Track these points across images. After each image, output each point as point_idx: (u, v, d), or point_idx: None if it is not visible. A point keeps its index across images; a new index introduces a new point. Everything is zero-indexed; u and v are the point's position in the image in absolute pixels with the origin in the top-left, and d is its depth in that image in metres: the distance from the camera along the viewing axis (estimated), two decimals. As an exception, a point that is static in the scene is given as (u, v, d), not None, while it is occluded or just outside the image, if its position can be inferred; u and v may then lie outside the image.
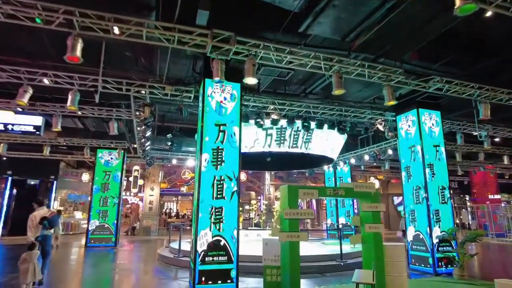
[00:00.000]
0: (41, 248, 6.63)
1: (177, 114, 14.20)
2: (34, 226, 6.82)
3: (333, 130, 11.56)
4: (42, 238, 6.85)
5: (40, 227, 6.90)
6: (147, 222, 21.49)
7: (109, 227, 14.26)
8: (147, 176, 22.20)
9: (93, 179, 14.70)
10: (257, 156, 12.32)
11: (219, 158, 7.03)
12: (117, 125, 9.67)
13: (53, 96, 9.34)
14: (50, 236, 7.15)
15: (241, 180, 26.01)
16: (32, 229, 6.78)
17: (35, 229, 6.82)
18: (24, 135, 7.69)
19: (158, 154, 16.69)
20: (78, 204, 23.45)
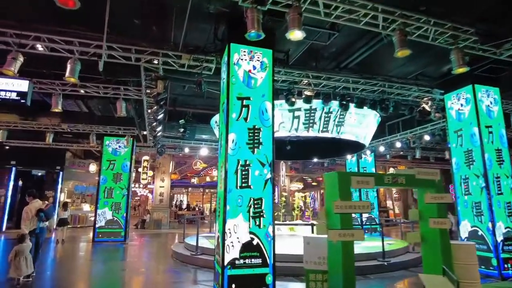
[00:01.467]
0: (36, 240, 6.81)
1: (190, 98, 13.06)
2: (29, 218, 6.76)
3: (367, 112, 10.24)
4: (39, 231, 6.95)
5: (36, 220, 6.86)
6: (158, 215, 20.46)
7: (118, 220, 13.18)
8: (157, 167, 21.10)
9: (100, 169, 13.59)
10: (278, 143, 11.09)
11: (255, 140, 5.78)
12: (125, 105, 8.46)
13: (51, 72, 8.15)
14: (45, 228, 7.22)
15: None
16: (26, 222, 6.72)
17: (30, 222, 6.76)
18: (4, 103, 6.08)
19: (170, 142, 15.52)
20: (86, 196, 22.51)
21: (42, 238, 7.19)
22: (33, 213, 6.87)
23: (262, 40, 6.13)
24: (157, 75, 6.70)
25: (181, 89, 11.28)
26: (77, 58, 6.11)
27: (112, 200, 13.21)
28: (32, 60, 7.66)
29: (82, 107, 10.71)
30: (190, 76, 7.89)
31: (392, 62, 8.83)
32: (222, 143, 6.08)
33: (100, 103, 10.22)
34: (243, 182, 5.56)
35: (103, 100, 10.05)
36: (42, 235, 7.15)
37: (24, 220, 6.76)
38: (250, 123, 5.84)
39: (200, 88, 6.98)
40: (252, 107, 5.89)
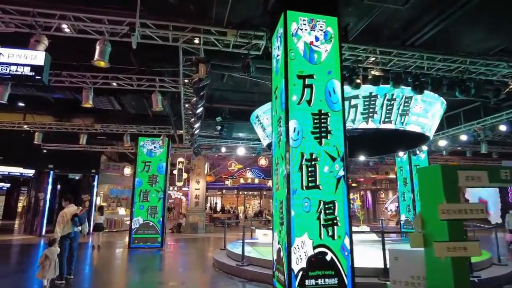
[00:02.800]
0: (70, 244, 6.94)
1: (227, 93, 12.07)
2: (64, 223, 6.82)
3: (433, 99, 8.76)
4: (74, 235, 7.03)
5: (71, 224, 6.94)
6: (194, 218, 19.71)
7: (154, 225, 12.43)
8: (192, 169, 20.39)
9: (135, 171, 12.93)
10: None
11: (322, 128, 4.61)
12: (160, 98, 7.58)
13: (81, 64, 7.41)
14: (79, 233, 7.27)
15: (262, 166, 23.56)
16: (61, 226, 6.77)
17: (64, 226, 6.82)
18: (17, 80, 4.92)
19: (206, 142, 14.66)
20: (121, 199, 22.24)
21: (76, 242, 7.24)
22: (68, 218, 6.96)
23: (325, 6, 5.01)
24: (198, 58, 5.71)
25: (219, 83, 10.33)
26: (107, 38, 5.23)
27: (148, 203, 12.48)
28: (61, 51, 6.96)
29: (115, 104, 10.02)
30: (233, 61, 6.86)
31: (467, 38, 7.36)
32: (277, 134, 4.96)
33: (134, 99, 9.46)
34: (310, 181, 4.38)
35: (137, 96, 9.28)
36: (76, 239, 7.22)
37: (59, 224, 6.83)
38: (315, 107, 4.67)
39: (248, 70, 5.90)
40: (316, 87, 4.72)
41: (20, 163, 15.58)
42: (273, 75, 5.51)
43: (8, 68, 4.48)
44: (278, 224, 4.78)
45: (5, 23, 5.08)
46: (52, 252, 5.96)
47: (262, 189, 33.33)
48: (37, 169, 16.61)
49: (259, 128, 10.75)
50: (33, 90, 9.45)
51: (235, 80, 10.59)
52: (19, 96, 10.66)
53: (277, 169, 4.98)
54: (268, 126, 9.87)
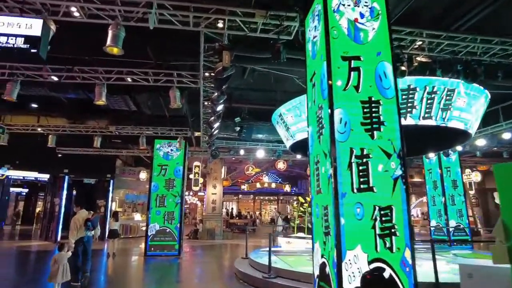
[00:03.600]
0: (84, 248, 7.11)
1: (246, 92, 11.44)
2: (77, 228, 6.96)
3: (478, 92, 7.88)
4: (87, 239, 7.18)
5: (84, 229, 7.08)
6: (210, 224, 19.06)
7: (171, 231, 11.82)
8: (209, 172, 19.78)
9: (151, 175, 12.38)
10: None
11: (374, 118, 3.87)
12: (179, 94, 6.97)
13: (94, 58, 6.88)
14: (92, 237, 7.40)
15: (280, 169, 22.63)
16: (74, 231, 6.90)
17: (77, 231, 6.95)
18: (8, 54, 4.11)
19: (224, 144, 14.03)
20: (137, 204, 21.82)
21: (89, 246, 7.34)
22: (81, 223, 7.09)
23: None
24: (222, 45, 5.07)
25: (238, 81, 9.72)
26: (120, 22, 4.64)
27: (164, 209, 11.89)
28: (72, 45, 6.45)
29: (130, 104, 9.50)
30: (258, 51, 6.19)
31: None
32: (317, 128, 4.24)
33: (150, 97, 8.91)
34: (362, 183, 3.64)
35: (153, 94, 8.74)
36: (89, 243, 7.33)
37: (72, 229, 6.98)
38: (364, 93, 3.93)
39: (279, 56, 5.20)
40: (364, 71, 3.99)
41: (35, 168, 15.30)
42: (308, 61, 4.81)
43: (-2, 40, 3.89)
44: (321, 234, 4.03)
45: (8, 7, 4.55)
46: (61, 257, 5.95)
47: (279, 193, 32.44)
48: (52, 173, 16.32)
49: (282, 128, 10.03)
50: (46, 90, 9.04)
51: (255, 77, 9.96)
52: (33, 97, 10.32)
53: (317, 168, 4.25)
54: (292, 125, 9.15)
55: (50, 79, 6.81)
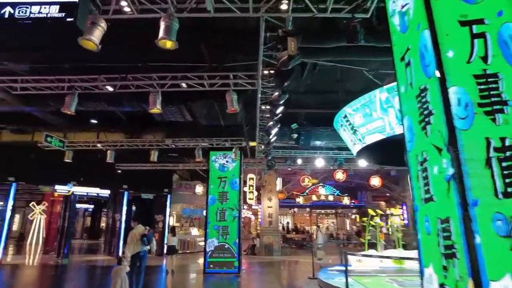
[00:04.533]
0: (140, 263, 7.32)
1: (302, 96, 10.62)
2: (133, 242, 7.20)
3: None
4: (143, 254, 7.37)
5: (140, 244, 7.28)
6: (268, 239, 18.22)
7: (230, 247, 11.19)
8: (263, 185, 19.09)
9: (208, 188, 11.95)
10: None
11: (493, 96, 2.84)
12: (236, 98, 6.39)
13: (148, 65, 6.57)
14: (147, 252, 7.57)
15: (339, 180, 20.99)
16: (130, 246, 7.17)
17: (134, 246, 7.18)
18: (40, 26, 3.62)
19: (280, 154, 13.27)
20: (193, 219, 21.74)
21: (145, 261, 7.55)
22: (138, 238, 7.31)
23: None
24: (286, 30, 4.36)
25: (294, 85, 8.93)
26: (173, 12, 4.13)
27: (222, 223, 11.33)
28: (124, 51, 6.19)
29: (185, 114, 9.19)
30: (324, 41, 5.39)
31: None
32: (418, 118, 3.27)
33: (205, 105, 8.50)
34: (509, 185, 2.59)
35: (208, 102, 8.30)
36: (145, 258, 7.53)
37: (129, 244, 7.26)
38: (493, 66, 2.91)
39: (355, 37, 4.35)
40: (489, 37, 2.97)
41: (97, 184, 15.79)
42: (396, 37, 3.85)
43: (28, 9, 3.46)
44: (437, 256, 3.01)
45: (61, 11, 4.25)
46: (120, 270, 6.10)
47: (338, 206, 30.60)
48: (112, 189, 16.76)
49: (347, 132, 9.00)
50: (104, 105, 9.05)
51: (314, 78, 9.15)
52: (92, 113, 10.50)
53: (424, 169, 3.25)
54: (361, 126, 8.10)
55: (105, 90, 6.62)
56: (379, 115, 7.34)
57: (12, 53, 6.28)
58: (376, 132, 7.58)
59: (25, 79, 6.60)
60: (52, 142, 9.05)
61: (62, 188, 14.57)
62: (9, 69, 6.89)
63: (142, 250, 7.33)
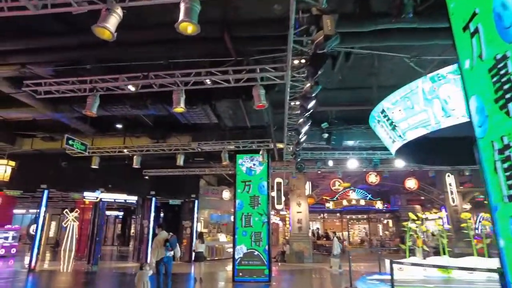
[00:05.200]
0: (165, 268, 7.54)
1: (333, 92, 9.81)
2: (158, 248, 7.49)
3: None
4: (167, 259, 7.57)
5: (163, 249, 7.50)
6: (298, 246, 17.52)
7: (259, 254, 10.65)
8: (292, 189, 18.46)
9: (235, 192, 11.52)
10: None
11: None
12: (263, 93, 5.91)
13: (169, 62, 6.25)
14: (171, 257, 7.76)
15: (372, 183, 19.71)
16: (155, 251, 7.50)
17: (157, 252, 7.46)
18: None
19: (309, 156, 12.64)
20: (221, 225, 21.40)
21: (170, 266, 7.73)
22: (162, 243, 7.55)
23: None
24: (320, 9, 3.84)
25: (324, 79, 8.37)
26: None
27: (251, 229, 10.83)
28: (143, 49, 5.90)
29: (211, 115, 8.83)
30: (360, 24, 4.82)
31: None
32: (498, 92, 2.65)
33: (231, 105, 8.09)
34: None
35: (233, 102, 7.89)
36: (170, 263, 7.72)
37: (153, 250, 7.62)
38: None
39: (401, 11, 3.75)
40: None
41: (125, 190, 15.80)
42: (456, 6, 3.26)
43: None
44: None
45: (78, 2, 3.97)
46: (142, 275, 6.37)
47: (370, 211, 29.29)
48: (140, 196, 16.73)
49: (385, 128, 8.28)
50: (128, 108, 8.85)
51: (345, 74, 8.55)
52: (117, 118, 10.41)
53: (506, 158, 2.61)
54: (401, 121, 7.37)
55: (127, 90, 6.35)
56: (422, 107, 6.62)
57: (36, 56, 6.14)
58: (419, 127, 6.85)
59: (48, 82, 6.45)
60: (74, 145, 8.93)
61: (91, 194, 14.65)
62: (35, 74, 6.79)
63: (166, 256, 7.56)
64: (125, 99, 8.66)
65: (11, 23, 5.55)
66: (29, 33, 5.77)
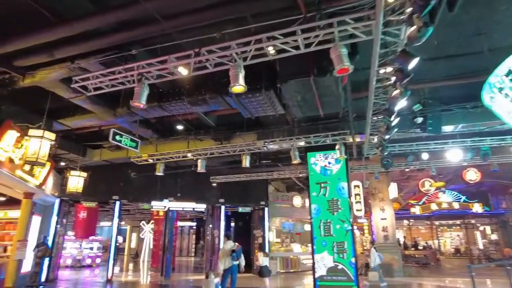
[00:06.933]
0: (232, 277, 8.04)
1: (427, 65, 7.78)
2: (224, 257, 7.96)
3: None
4: (233, 268, 8.04)
5: (230, 259, 7.94)
6: (385, 257, 15.13)
7: (344, 268, 8.93)
8: (373, 192, 16.21)
9: (310, 196, 10.00)
10: None
11: None
12: (346, 53, 4.40)
13: (223, 34, 5.11)
14: (237, 266, 8.13)
15: (471, 181, 15.62)
16: (222, 260, 7.96)
17: (224, 261, 7.92)
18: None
19: (397, 149, 10.56)
20: (294, 234, 19.85)
21: (235, 275, 8.04)
22: (228, 253, 7.94)
23: None
24: None
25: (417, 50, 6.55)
26: None
27: (332, 238, 9.18)
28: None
29: (275, 104, 7.51)
30: None
31: None
32: None
33: (299, 88, 6.66)
34: None
35: (302, 83, 6.47)
36: (235, 272, 8.04)
37: (220, 259, 8.01)
38: None
39: None
40: None
41: (192, 198, 15.29)
42: None
43: None
44: None
45: None
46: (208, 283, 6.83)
47: (466, 216, 25.03)
48: (208, 203, 16.11)
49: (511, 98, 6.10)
50: (186, 105, 8.02)
51: (443, 36, 6.61)
52: (179, 120, 9.78)
53: None
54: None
55: (178, 74, 5.36)
56: None
57: (77, 44, 5.51)
58: None
59: (95, 75, 5.79)
60: (122, 141, 8.29)
61: (159, 204, 14.37)
62: (83, 69, 6.25)
63: (232, 265, 7.95)
64: (182, 95, 7.87)
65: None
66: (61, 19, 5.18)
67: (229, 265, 7.90)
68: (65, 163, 12.48)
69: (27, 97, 7.85)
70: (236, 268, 8.07)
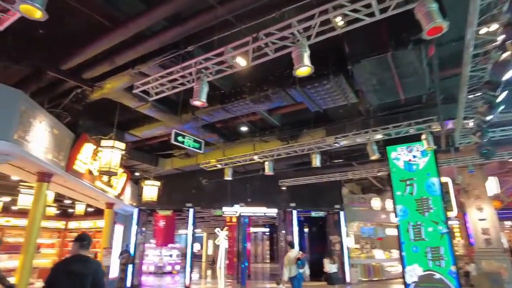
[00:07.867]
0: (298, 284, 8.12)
1: None
2: (290, 265, 8.12)
3: None
4: (299, 276, 8.16)
5: (295, 267, 8.10)
6: (490, 265, 12.93)
7: (443, 279, 7.58)
8: (466, 190, 14.06)
9: (393, 196, 8.82)
10: None
11: None
12: (436, 7, 3.49)
13: (283, 13, 4.53)
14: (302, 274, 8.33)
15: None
16: (287, 267, 8.15)
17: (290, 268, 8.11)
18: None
19: (498, 136, 8.82)
20: (375, 239, 18.23)
21: (300, 282, 8.18)
22: (293, 261, 8.14)
23: None
24: None
25: None
26: None
27: (424, 243, 7.91)
28: None
29: (346, 91, 6.63)
30: None
31: None
32: None
33: (374, 69, 5.73)
34: None
35: (378, 62, 5.55)
36: (300, 280, 8.20)
37: (285, 266, 8.27)
38: None
39: None
40: None
41: (263, 203, 14.88)
42: None
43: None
44: None
45: None
46: None
47: None
48: (279, 208, 15.54)
49: None
50: (248, 104, 7.61)
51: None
52: (243, 122, 9.47)
53: None
54: None
55: (237, 66, 4.93)
56: None
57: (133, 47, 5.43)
58: None
59: (154, 78, 5.66)
60: (185, 142, 8.14)
61: (229, 209, 14.25)
62: (145, 74, 6.20)
63: (298, 273, 8.10)
64: (244, 93, 7.49)
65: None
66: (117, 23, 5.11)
67: (295, 273, 8.09)
68: (139, 173, 13.04)
69: (99, 111, 8.21)
70: (301, 275, 8.30)
